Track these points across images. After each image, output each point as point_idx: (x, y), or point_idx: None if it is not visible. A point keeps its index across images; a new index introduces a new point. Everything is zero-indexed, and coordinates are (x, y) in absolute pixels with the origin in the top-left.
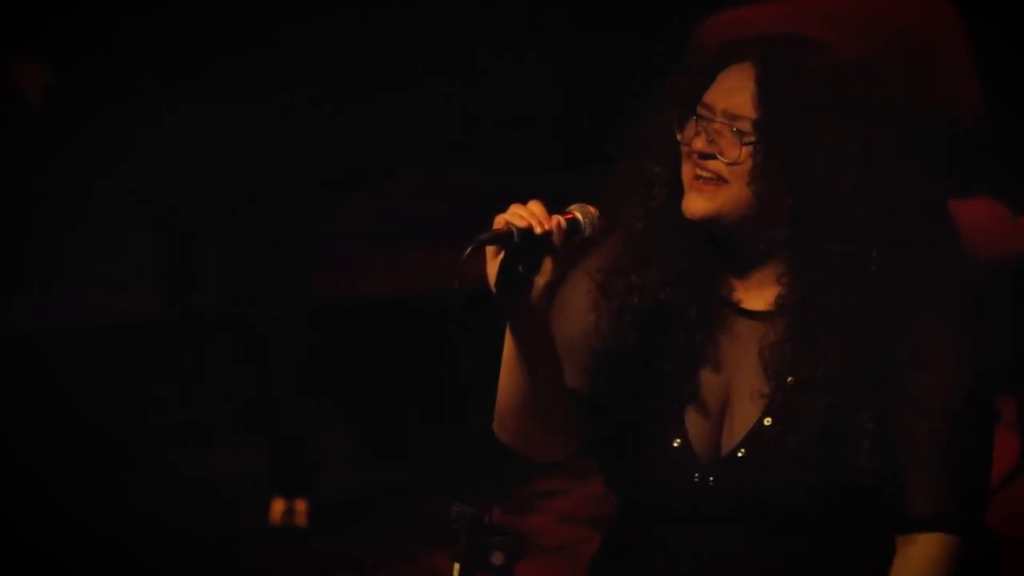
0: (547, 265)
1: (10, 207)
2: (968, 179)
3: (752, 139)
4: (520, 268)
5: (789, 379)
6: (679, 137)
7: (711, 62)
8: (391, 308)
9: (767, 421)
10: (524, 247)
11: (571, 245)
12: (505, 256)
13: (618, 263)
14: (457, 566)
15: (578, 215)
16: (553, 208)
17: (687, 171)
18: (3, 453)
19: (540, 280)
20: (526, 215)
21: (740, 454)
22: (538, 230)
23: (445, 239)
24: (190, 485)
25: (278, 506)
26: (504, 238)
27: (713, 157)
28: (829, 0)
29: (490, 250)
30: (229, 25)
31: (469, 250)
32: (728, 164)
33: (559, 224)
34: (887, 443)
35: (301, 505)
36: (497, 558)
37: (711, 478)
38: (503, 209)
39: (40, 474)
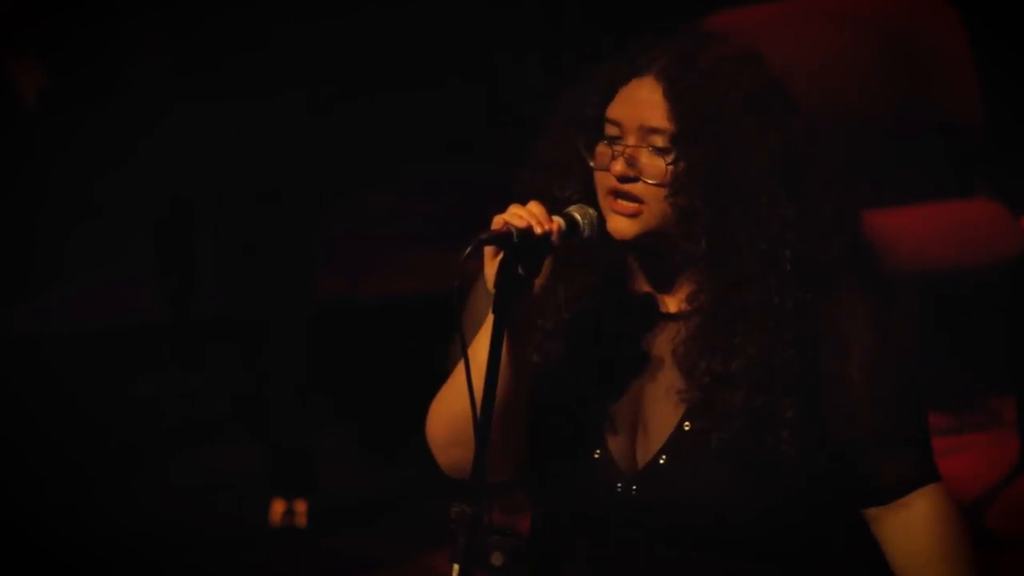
0: (546, 267)
1: (10, 208)
2: (967, 179)
3: (672, 155)
4: (519, 269)
5: (706, 378)
6: (591, 163)
7: (610, 77)
8: (392, 308)
9: (687, 425)
10: (523, 248)
11: (570, 246)
12: (504, 257)
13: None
14: (457, 566)
15: (577, 216)
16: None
17: (603, 191)
18: (4, 455)
19: (539, 282)
20: (525, 215)
21: (662, 461)
22: (538, 230)
23: (445, 239)
24: (190, 485)
25: (278, 506)
26: (503, 238)
27: (635, 180)
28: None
29: (489, 251)
30: (229, 25)
31: (468, 250)
32: (654, 185)
33: (559, 225)
34: (809, 432)
35: (301, 505)
36: (497, 558)
37: (634, 487)
38: (502, 209)
39: (40, 475)
